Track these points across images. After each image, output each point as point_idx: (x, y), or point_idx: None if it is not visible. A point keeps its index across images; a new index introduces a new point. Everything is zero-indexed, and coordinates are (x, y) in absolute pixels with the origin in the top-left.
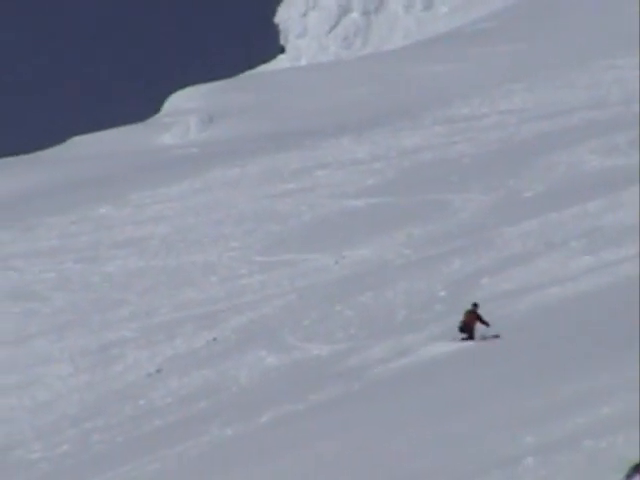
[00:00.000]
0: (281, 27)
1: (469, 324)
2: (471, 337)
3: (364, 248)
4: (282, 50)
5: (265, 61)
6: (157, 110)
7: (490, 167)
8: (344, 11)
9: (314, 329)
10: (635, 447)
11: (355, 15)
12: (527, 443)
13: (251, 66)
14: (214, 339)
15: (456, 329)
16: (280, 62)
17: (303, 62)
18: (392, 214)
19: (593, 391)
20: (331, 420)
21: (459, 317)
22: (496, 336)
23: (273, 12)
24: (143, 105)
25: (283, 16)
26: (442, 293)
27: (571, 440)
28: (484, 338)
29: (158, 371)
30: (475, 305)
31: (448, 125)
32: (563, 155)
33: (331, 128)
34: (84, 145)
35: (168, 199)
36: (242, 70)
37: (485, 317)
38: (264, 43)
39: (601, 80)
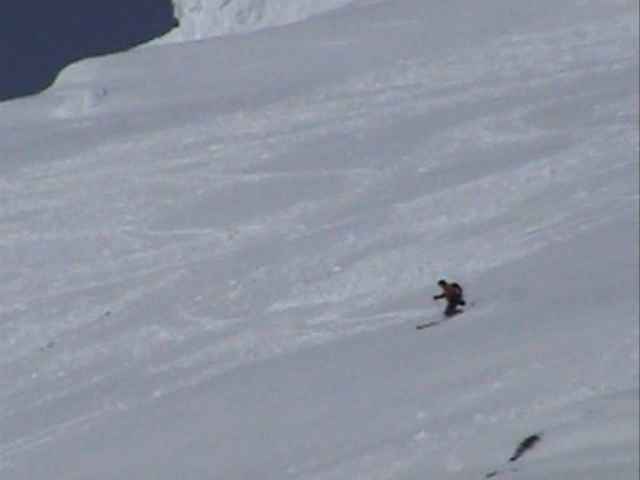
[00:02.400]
0: (175, 1)
1: (458, 296)
2: (462, 304)
3: (258, 223)
4: (176, 24)
5: (159, 35)
6: (50, 83)
7: (384, 143)
8: None
9: (208, 304)
10: (526, 422)
11: None
12: (419, 418)
13: (145, 40)
14: (107, 313)
15: (349, 309)
16: (174, 36)
17: (197, 36)
18: (286, 189)
19: (484, 367)
20: (224, 396)
21: (353, 291)
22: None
23: None
24: (35, 78)
25: None
26: (336, 268)
27: (462, 415)
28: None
29: (50, 345)
30: (442, 282)
31: (342, 100)
32: (457, 131)
33: (225, 103)
34: None
35: (61, 173)
36: (136, 44)
37: (376, 292)
38: (158, 17)
39: (495, 56)
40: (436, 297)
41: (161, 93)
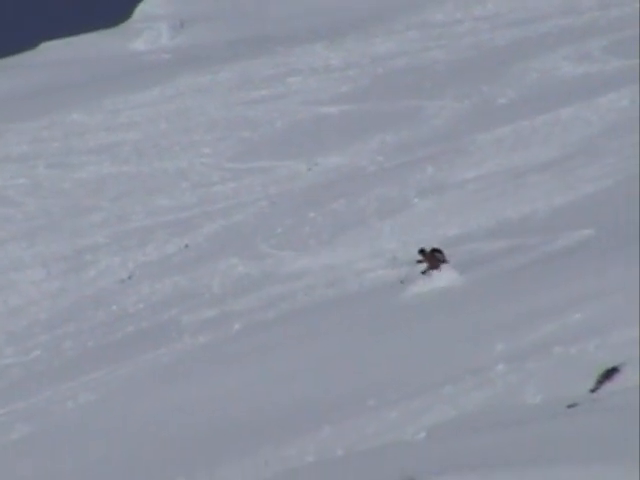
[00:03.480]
0: None
1: (440, 261)
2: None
3: (337, 155)
4: None
5: None
6: (128, 16)
7: (464, 74)
8: None
9: (287, 237)
10: (606, 353)
11: None
12: (498, 350)
13: None
14: (186, 246)
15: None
16: None
17: None
18: (365, 121)
19: (563, 299)
20: (302, 329)
21: (433, 225)
22: None
23: None
24: (114, 10)
25: None
26: (415, 200)
27: (542, 347)
28: None
29: (130, 277)
30: (422, 250)
31: (421, 31)
32: (536, 62)
33: (303, 34)
34: (54, 51)
35: (139, 105)
36: None
37: (457, 224)
38: None
39: None
40: (419, 261)
41: (239, 25)
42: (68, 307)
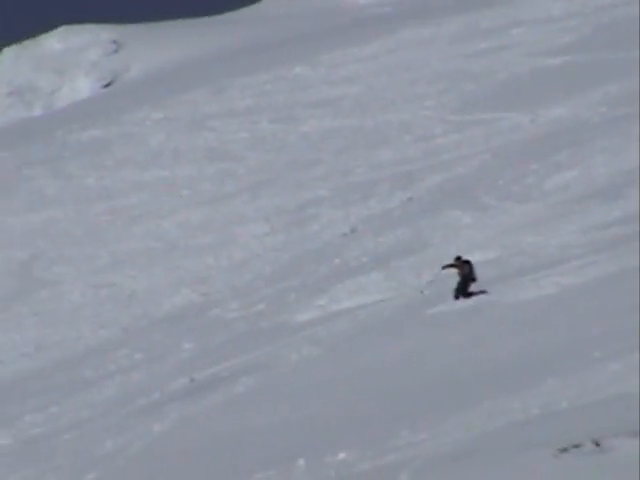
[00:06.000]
0: None
1: (467, 274)
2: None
3: (559, 106)
4: None
5: None
6: None
7: None
8: None
9: (509, 189)
10: None
11: None
12: None
13: None
14: (409, 199)
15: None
16: None
17: None
18: (588, 72)
19: None
20: (525, 282)
21: None
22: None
23: None
24: None
25: None
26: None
27: None
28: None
29: (353, 231)
30: (458, 257)
31: None
32: None
33: None
34: (277, 5)
35: (361, 59)
36: None
37: None
38: None
39: None
40: (444, 267)
41: None
42: (291, 261)
